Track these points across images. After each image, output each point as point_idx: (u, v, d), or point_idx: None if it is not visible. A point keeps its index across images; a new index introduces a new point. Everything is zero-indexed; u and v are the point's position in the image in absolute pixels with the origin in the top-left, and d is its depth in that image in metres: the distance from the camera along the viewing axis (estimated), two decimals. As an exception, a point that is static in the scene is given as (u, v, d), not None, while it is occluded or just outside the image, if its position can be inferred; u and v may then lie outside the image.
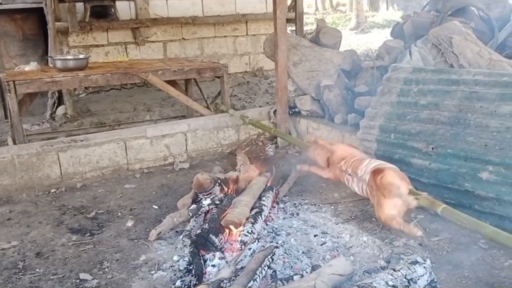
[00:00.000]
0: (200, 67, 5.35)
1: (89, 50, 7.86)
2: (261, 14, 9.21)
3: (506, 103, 3.05)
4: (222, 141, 4.99)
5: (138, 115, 6.73)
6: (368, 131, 3.87)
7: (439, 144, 3.28)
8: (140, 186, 4.15)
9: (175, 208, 3.46)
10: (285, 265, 2.74)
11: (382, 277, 2.30)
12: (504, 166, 2.90)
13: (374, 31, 18.24)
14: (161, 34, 8.47)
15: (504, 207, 2.92)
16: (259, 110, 5.40)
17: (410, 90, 3.67)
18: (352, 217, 3.36)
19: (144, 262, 2.87)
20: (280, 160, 4.63)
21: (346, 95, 4.84)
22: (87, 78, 4.76)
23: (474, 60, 3.72)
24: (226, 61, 8.72)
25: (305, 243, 3.01)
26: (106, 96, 7.89)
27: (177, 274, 2.70)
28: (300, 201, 3.66)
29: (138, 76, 4.93)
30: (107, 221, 3.48)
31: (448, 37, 3.91)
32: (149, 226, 3.33)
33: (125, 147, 4.44)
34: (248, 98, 7.74)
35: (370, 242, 3.00)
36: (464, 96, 3.29)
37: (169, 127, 4.74)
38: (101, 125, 6.30)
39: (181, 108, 6.72)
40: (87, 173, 4.30)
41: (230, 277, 2.46)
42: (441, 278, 2.60)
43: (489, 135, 3.04)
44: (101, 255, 2.98)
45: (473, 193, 3.03)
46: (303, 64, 5.06)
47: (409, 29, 5.05)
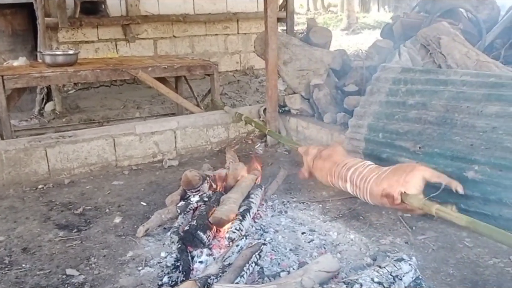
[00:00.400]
0: (190, 65, 5.35)
1: (79, 46, 7.82)
2: (252, 13, 9.22)
3: (492, 104, 3.09)
4: (212, 139, 4.99)
5: (127, 112, 6.71)
6: (356, 130, 3.90)
7: (427, 144, 3.31)
8: (129, 183, 4.14)
9: (164, 205, 3.45)
10: (272, 262, 2.75)
11: (368, 274, 2.32)
12: (490, 165, 2.94)
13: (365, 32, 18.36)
14: (152, 31, 8.45)
15: (489, 206, 2.95)
16: (249, 109, 5.41)
17: (399, 90, 3.70)
18: (339, 215, 3.38)
19: (132, 258, 2.87)
20: (270, 159, 4.64)
21: (335, 94, 4.86)
22: (76, 74, 4.75)
23: (462, 61, 3.77)
24: (217, 60, 8.72)
25: (292, 240, 3.02)
26: (95, 92, 7.85)
27: (164, 270, 2.71)
28: (289, 199, 3.67)
29: (127, 72, 4.92)
30: (94, 217, 3.47)
31: (436, 38, 3.94)
32: (137, 222, 3.32)
33: (113, 143, 4.43)
34: (239, 96, 7.75)
35: (357, 240, 3.02)
36: (452, 96, 3.33)
37: (159, 124, 4.73)
38: (90, 121, 6.28)
39: (171, 106, 6.72)
40: (75, 169, 4.28)
41: (217, 274, 2.46)
42: (426, 275, 2.62)
43: (475, 135, 3.07)
44: (88, 251, 2.97)
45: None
46: (293, 63, 5.07)
47: (399, 29, 5.09)
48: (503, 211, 2.89)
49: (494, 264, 2.71)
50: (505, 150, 2.89)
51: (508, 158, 2.87)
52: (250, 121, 4.83)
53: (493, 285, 2.52)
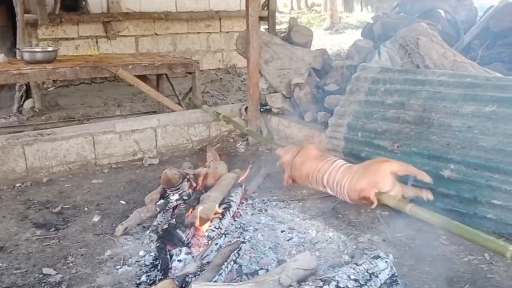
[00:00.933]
0: (172, 63, 5.32)
1: (59, 43, 7.73)
2: (235, 11, 9.21)
3: (468, 103, 3.14)
4: (193, 137, 4.97)
5: (108, 110, 6.65)
6: (336, 129, 3.93)
7: (404, 143, 3.36)
8: (108, 181, 4.11)
9: (143, 204, 3.44)
10: (251, 260, 2.76)
11: (344, 271, 2.34)
12: (465, 164, 2.99)
13: (348, 32, 18.47)
14: (133, 28, 8.38)
15: (464, 204, 3.01)
16: (231, 107, 5.41)
17: (378, 90, 3.74)
18: (319, 213, 3.41)
19: (110, 257, 2.85)
20: (251, 157, 4.65)
21: (316, 94, 4.89)
22: (55, 71, 4.68)
23: (439, 61, 3.82)
24: (199, 58, 8.70)
25: (272, 238, 3.04)
26: (75, 90, 7.77)
27: (142, 269, 2.70)
28: (269, 198, 3.68)
29: (108, 70, 4.87)
30: (73, 216, 3.43)
31: (415, 38, 4.00)
32: (115, 221, 3.30)
33: (93, 141, 4.39)
34: (221, 95, 7.74)
35: (336, 238, 3.05)
36: (429, 96, 3.38)
37: (139, 122, 4.70)
38: (69, 119, 6.21)
39: (152, 104, 6.68)
40: (54, 168, 4.23)
41: (195, 272, 2.47)
42: (403, 272, 2.66)
43: (451, 134, 3.12)
44: (66, 250, 2.94)
45: (436, 191, 3.10)
46: (275, 62, 5.09)
47: (379, 29, 5.14)
48: (478, 209, 2.95)
49: (469, 261, 2.76)
50: (480, 150, 2.95)
51: (483, 157, 2.93)
52: (228, 120, 4.83)
53: (467, 282, 2.57)
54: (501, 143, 2.88)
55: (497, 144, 2.89)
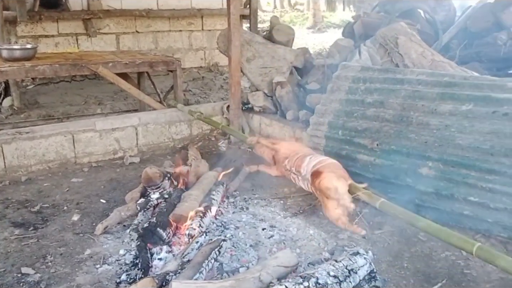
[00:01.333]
0: (153, 61, 5.29)
1: (38, 40, 7.62)
2: (217, 9, 9.19)
3: (446, 102, 3.19)
4: (174, 136, 4.96)
5: (88, 108, 6.57)
6: (317, 127, 3.96)
7: (384, 141, 3.40)
8: (88, 180, 4.08)
9: (124, 202, 3.42)
10: (232, 258, 2.77)
11: (324, 268, 2.37)
12: (442, 162, 3.04)
13: (330, 31, 18.56)
14: (114, 26, 8.31)
15: (442, 201, 3.06)
16: (213, 105, 5.41)
17: (358, 88, 3.77)
18: (300, 211, 3.43)
19: (89, 256, 2.83)
20: (232, 156, 4.65)
21: (298, 92, 4.92)
22: (34, 69, 4.62)
23: (418, 61, 3.88)
24: (181, 56, 8.65)
25: (253, 236, 3.05)
26: (55, 88, 7.66)
27: (123, 267, 2.69)
28: (250, 196, 3.69)
29: (88, 68, 4.82)
30: (52, 215, 3.40)
31: (394, 38, 4.04)
32: (95, 220, 3.28)
33: (72, 140, 4.34)
34: (203, 93, 7.71)
35: (316, 235, 3.07)
36: (408, 95, 3.42)
37: (120, 121, 4.67)
38: (49, 117, 6.12)
39: (134, 102, 6.62)
40: (33, 166, 4.18)
41: (176, 270, 2.46)
42: (381, 268, 2.70)
43: (429, 132, 3.17)
44: (45, 249, 2.91)
45: (414, 188, 3.16)
46: (256, 60, 5.10)
47: (359, 29, 5.19)
48: (455, 206, 3.01)
49: (446, 257, 2.81)
50: (456, 147, 3.00)
51: (459, 155, 2.98)
52: (202, 118, 4.80)
53: (444, 277, 2.62)
54: (477, 141, 2.93)
55: (473, 142, 2.94)
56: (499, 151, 2.83)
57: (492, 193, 2.84)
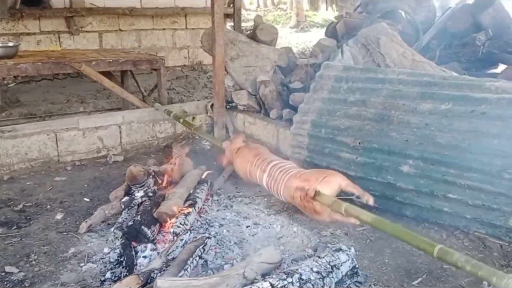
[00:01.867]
0: (136, 59, 5.28)
1: (20, 38, 7.53)
2: (201, 8, 9.19)
3: (425, 101, 3.26)
4: (158, 134, 4.96)
5: (71, 106, 6.53)
6: (301, 126, 3.99)
7: (365, 139, 3.45)
8: (71, 179, 4.06)
9: (108, 201, 3.42)
10: (216, 256, 2.79)
11: (307, 264, 2.41)
12: (423, 160, 3.10)
13: (314, 30, 18.66)
14: (97, 24, 8.25)
15: (422, 198, 3.12)
16: (196, 104, 5.42)
17: (341, 88, 3.82)
18: (284, 208, 3.47)
19: (73, 254, 2.83)
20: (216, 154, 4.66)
21: (281, 91, 4.96)
22: (16, 67, 4.57)
23: (399, 61, 3.94)
24: (165, 54, 8.63)
25: (237, 234, 3.08)
26: (37, 86, 7.58)
27: (107, 266, 2.69)
28: (235, 194, 3.73)
29: (70, 66, 4.79)
30: (35, 214, 3.39)
31: (376, 38, 4.11)
32: (79, 219, 3.28)
33: (55, 138, 4.32)
34: (187, 92, 7.71)
35: (300, 232, 3.12)
36: (389, 94, 3.48)
37: (103, 119, 4.65)
38: (31, 116, 6.06)
39: (117, 100, 6.59)
40: (15, 165, 4.14)
41: (161, 268, 2.49)
42: (363, 264, 2.76)
43: (410, 131, 3.23)
44: (28, 248, 2.90)
45: (395, 186, 3.21)
46: (240, 59, 5.12)
47: (342, 29, 5.25)
48: (435, 203, 3.07)
49: (426, 253, 2.87)
50: (436, 146, 3.07)
51: (439, 153, 3.05)
52: (177, 119, 4.73)
53: (424, 273, 2.68)
54: (456, 139, 3.00)
55: (452, 140, 3.01)
56: (477, 149, 2.90)
57: (471, 190, 2.91)
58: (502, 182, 2.78)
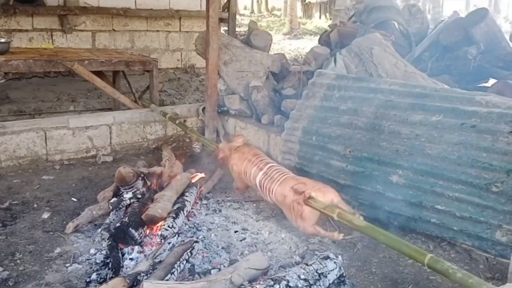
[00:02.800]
0: (129, 60, 5.26)
1: (12, 34, 7.48)
2: (195, 11, 9.20)
3: (416, 113, 3.28)
4: (149, 136, 4.94)
5: (61, 105, 6.48)
6: (292, 132, 4.01)
7: (356, 148, 3.47)
8: (59, 178, 4.03)
9: (96, 201, 3.40)
10: (204, 260, 2.78)
11: (295, 271, 2.41)
12: (412, 170, 3.12)
13: (306, 38, 18.76)
14: (90, 23, 8.22)
15: (410, 208, 3.13)
16: (188, 107, 5.41)
17: (333, 96, 3.84)
18: (272, 214, 3.47)
19: (59, 254, 2.81)
20: (207, 158, 4.66)
21: (273, 97, 4.97)
22: (7, 64, 4.54)
23: (391, 71, 3.97)
24: (158, 56, 8.61)
25: (225, 238, 3.07)
26: (27, 83, 7.53)
27: (93, 267, 2.67)
28: (224, 198, 3.72)
29: (63, 64, 4.76)
30: (21, 212, 3.35)
31: (369, 48, 4.13)
32: (66, 218, 3.25)
33: (45, 137, 4.28)
34: (179, 94, 7.70)
35: (288, 239, 3.12)
36: (380, 104, 3.50)
37: (94, 119, 4.63)
38: (20, 113, 6.02)
39: (108, 100, 6.56)
40: (2, 162, 4.10)
41: (147, 270, 2.47)
42: (350, 273, 2.76)
43: (400, 141, 3.25)
44: (13, 246, 2.87)
45: (384, 195, 3.23)
46: (234, 64, 5.13)
47: (335, 37, 5.28)
48: (423, 213, 3.09)
49: (413, 263, 2.88)
50: (426, 157, 3.09)
51: (428, 164, 3.07)
52: (172, 120, 4.74)
53: (411, 283, 2.69)
54: (445, 151, 3.02)
55: (442, 152, 3.03)
56: (466, 162, 2.93)
57: (459, 202, 2.93)
58: (490, 195, 2.80)
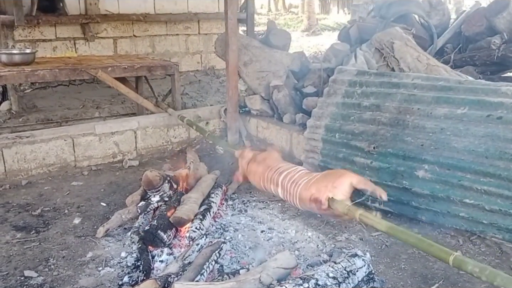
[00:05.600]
0: (151, 65, 5.33)
1: (36, 44, 7.65)
2: (213, 13, 9.25)
3: (441, 106, 3.25)
4: (173, 139, 5.00)
5: (86, 112, 6.61)
6: (314, 130, 4.00)
7: (380, 144, 3.45)
8: (88, 184, 4.11)
9: (124, 206, 3.45)
10: (232, 260, 2.81)
11: (323, 270, 2.41)
12: (438, 165, 3.09)
13: (325, 34, 18.64)
14: (112, 30, 8.35)
15: (438, 203, 3.11)
16: (210, 109, 5.45)
17: (354, 92, 3.82)
18: (298, 213, 3.47)
19: (91, 258, 2.87)
20: (230, 159, 4.69)
21: (294, 96, 4.97)
22: (34, 73, 4.65)
23: (413, 65, 3.94)
24: (178, 60, 8.70)
25: (252, 238, 3.09)
26: (53, 92, 7.69)
27: (124, 270, 2.73)
28: (249, 198, 3.74)
29: (87, 72, 4.86)
30: (53, 218, 3.43)
31: (390, 42, 4.10)
32: (96, 223, 3.32)
33: (72, 144, 4.38)
34: (200, 96, 7.76)
35: (314, 237, 3.12)
36: (404, 99, 3.48)
37: (119, 124, 4.71)
38: (47, 121, 6.15)
39: (131, 106, 6.66)
40: (33, 170, 4.21)
41: (177, 272, 2.51)
42: (379, 270, 2.75)
43: (425, 135, 3.22)
44: (47, 252, 2.95)
45: (411, 190, 3.20)
46: (254, 64, 5.15)
47: (355, 33, 5.25)
48: (451, 208, 3.05)
49: (442, 260, 2.86)
50: (452, 150, 3.06)
51: (455, 157, 3.03)
52: (191, 124, 4.73)
53: (441, 278, 2.67)
54: (472, 144, 2.99)
55: (468, 145, 3.00)
56: (494, 154, 2.89)
57: (487, 195, 2.89)
58: (519, 187, 2.76)
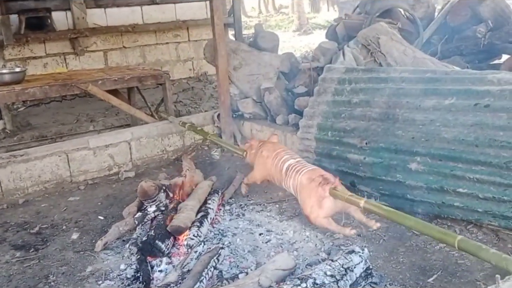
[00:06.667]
0: (142, 75, 5.34)
1: (26, 62, 7.65)
2: (202, 20, 9.25)
3: (429, 98, 3.27)
4: (167, 148, 5.01)
5: (81, 126, 6.61)
6: (307, 130, 4.02)
7: (372, 139, 3.47)
8: (85, 198, 4.12)
9: (121, 218, 3.46)
10: (231, 265, 2.82)
11: (321, 268, 2.43)
12: (430, 156, 3.11)
13: (316, 32, 18.66)
14: (101, 43, 8.35)
15: (432, 194, 3.12)
16: (203, 115, 5.47)
17: (344, 89, 3.85)
18: (295, 214, 3.49)
19: (91, 273, 2.88)
20: (226, 163, 4.71)
21: (286, 97, 4.99)
22: (24, 92, 4.66)
23: (400, 59, 3.96)
24: (170, 68, 8.70)
25: (250, 242, 3.11)
26: (46, 108, 7.69)
27: (124, 282, 2.74)
28: (246, 202, 3.75)
29: (77, 87, 4.87)
30: (51, 235, 3.44)
31: (376, 38, 4.13)
32: (95, 237, 3.33)
33: (67, 159, 4.39)
34: (194, 103, 7.76)
35: (313, 237, 3.14)
36: (392, 93, 3.50)
37: (112, 137, 4.72)
38: (42, 138, 6.15)
39: (126, 117, 6.67)
40: (29, 188, 4.22)
41: (177, 281, 2.52)
42: (378, 264, 2.77)
43: (415, 128, 3.25)
44: (47, 269, 2.96)
45: (405, 183, 3.22)
46: (243, 68, 5.17)
47: (342, 31, 5.27)
48: (446, 198, 3.07)
49: (440, 249, 2.88)
50: (442, 141, 3.07)
51: (446, 148, 3.05)
52: (193, 129, 4.81)
53: (439, 269, 2.69)
54: (462, 133, 3.01)
55: (458, 135, 3.02)
56: (483, 142, 2.91)
57: (480, 183, 2.91)
58: (511, 173, 2.77)
